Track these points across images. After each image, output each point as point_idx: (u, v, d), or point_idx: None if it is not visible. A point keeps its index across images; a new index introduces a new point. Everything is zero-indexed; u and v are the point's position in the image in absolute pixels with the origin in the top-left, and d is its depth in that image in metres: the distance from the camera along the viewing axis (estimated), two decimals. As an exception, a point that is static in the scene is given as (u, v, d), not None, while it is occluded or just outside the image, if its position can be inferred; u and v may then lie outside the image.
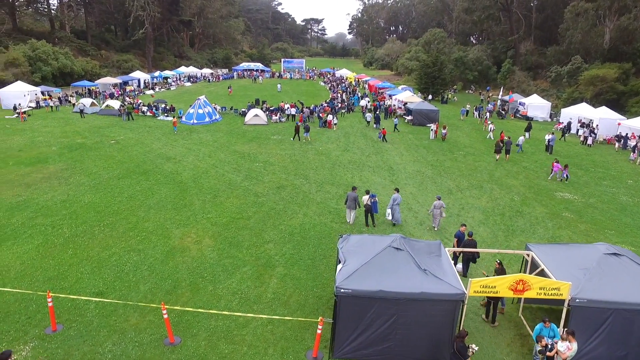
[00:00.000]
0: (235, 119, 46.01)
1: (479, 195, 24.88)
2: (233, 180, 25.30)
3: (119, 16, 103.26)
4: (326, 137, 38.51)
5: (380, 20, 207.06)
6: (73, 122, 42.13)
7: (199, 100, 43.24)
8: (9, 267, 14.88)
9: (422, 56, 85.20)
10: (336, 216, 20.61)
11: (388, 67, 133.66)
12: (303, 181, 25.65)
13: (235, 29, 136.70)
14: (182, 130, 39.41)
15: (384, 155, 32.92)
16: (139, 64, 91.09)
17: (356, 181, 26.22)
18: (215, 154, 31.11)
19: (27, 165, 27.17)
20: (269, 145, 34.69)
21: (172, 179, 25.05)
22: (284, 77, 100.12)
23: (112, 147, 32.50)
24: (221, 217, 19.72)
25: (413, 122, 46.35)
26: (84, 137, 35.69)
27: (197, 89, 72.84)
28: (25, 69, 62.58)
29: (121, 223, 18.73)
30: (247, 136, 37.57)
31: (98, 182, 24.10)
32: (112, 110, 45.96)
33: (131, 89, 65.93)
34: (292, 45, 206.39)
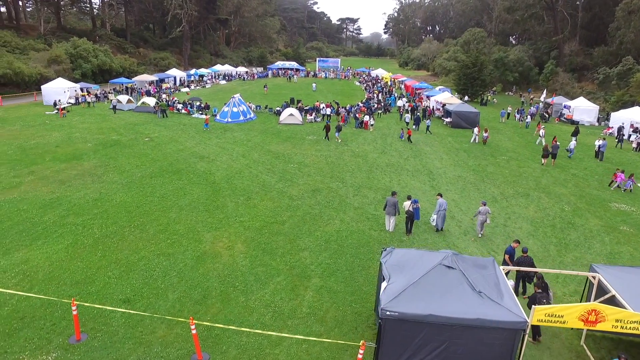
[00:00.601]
0: (269, 118, 45.36)
1: (526, 204, 23.23)
2: (267, 181, 24.47)
3: (157, 14, 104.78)
4: (362, 138, 37.33)
5: (416, 20, 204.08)
6: (109, 118, 42.36)
7: (233, 98, 42.80)
8: (38, 268, 14.41)
9: (460, 56, 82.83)
10: (375, 223, 19.45)
11: (424, 67, 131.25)
12: (339, 184, 24.58)
13: (271, 27, 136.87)
14: (216, 128, 39.00)
15: (423, 159, 31.51)
16: (176, 62, 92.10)
17: (395, 186, 24.99)
18: (249, 154, 30.42)
19: (62, 162, 27.11)
20: (303, 145, 33.79)
21: (204, 179, 24.42)
22: (318, 76, 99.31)
23: (146, 144, 32.26)
24: (254, 221, 18.87)
25: (452, 124, 44.60)
26: (119, 133, 35.68)
27: (232, 87, 72.82)
28: (67, 66, 63.86)
29: (152, 224, 18.12)
30: (281, 136, 36.79)
31: (130, 181, 23.70)
32: (147, 107, 46.07)
33: (167, 86, 66.37)
34: (327, 45, 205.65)
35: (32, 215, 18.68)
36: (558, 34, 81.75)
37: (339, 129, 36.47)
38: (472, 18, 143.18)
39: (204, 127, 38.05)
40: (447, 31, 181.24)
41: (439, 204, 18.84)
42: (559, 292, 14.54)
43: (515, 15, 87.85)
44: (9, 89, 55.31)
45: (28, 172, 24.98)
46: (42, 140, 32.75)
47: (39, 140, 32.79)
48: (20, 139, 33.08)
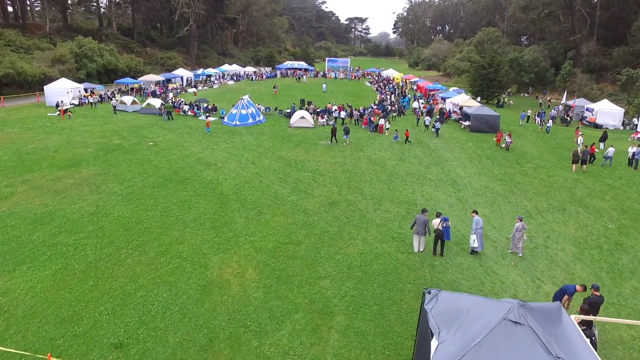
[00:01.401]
0: (279, 120, 43.37)
1: (564, 221, 21.04)
2: (279, 193, 22.45)
3: (164, 13, 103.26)
4: (378, 143, 35.23)
5: (426, 20, 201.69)
6: (112, 121, 40.56)
7: (242, 100, 40.85)
8: (18, 302, 12.47)
9: (474, 57, 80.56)
10: (401, 243, 17.37)
11: (435, 67, 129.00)
12: (358, 196, 22.51)
13: (280, 27, 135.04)
14: (224, 132, 37.06)
15: (445, 167, 29.36)
16: (183, 62, 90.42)
17: (418, 198, 22.90)
18: (259, 161, 28.42)
19: (59, 169, 25.26)
20: (316, 151, 31.75)
21: (211, 190, 22.44)
22: (328, 76, 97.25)
23: (150, 149, 30.36)
24: (267, 241, 16.85)
25: (471, 128, 42.37)
26: (121, 137, 33.83)
27: (240, 88, 70.95)
28: (72, 66, 62.28)
29: (152, 245, 16.15)
30: (292, 140, 34.77)
31: (131, 192, 21.76)
32: (152, 109, 44.24)
33: (174, 86, 64.59)
34: (336, 44, 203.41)
35: (20, 232, 16.76)
36: (576, 34, 79.10)
37: (347, 131, 34.55)
38: (484, 17, 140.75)
39: (207, 131, 36.07)
40: (457, 31, 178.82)
41: (475, 222, 16.75)
42: (625, 335, 12.40)
43: (530, 15, 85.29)
44: (11, 89, 53.77)
45: (22, 180, 23.14)
46: (40, 144, 30.95)
47: (37, 144, 30.99)
48: (17, 142, 31.31)
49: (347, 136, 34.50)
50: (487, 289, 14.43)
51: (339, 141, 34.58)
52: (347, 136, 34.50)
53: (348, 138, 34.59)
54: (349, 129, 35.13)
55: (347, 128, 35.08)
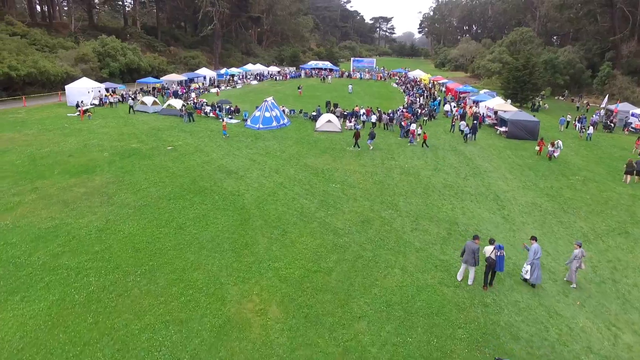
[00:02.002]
0: (304, 124, 41.38)
1: (630, 247, 18.46)
2: (306, 207, 20.41)
3: (188, 12, 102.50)
4: (410, 150, 32.90)
5: (452, 19, 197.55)
6: (132, 122, 39.19)
7: (266, 102, 38.98)
8: (4, 344, 10.71)
9: (506, 57, 77.27)
10: (445, 273, 15.13)
11: (462, 68, 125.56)
12: (393, 213, 20.31)
13: (304, 26, 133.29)
14: (246, 135, 35.25)
15: (485, 179, 26.89)
16: (206, 61, 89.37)
17: (458, 215, 20.59)
18: (283, 169, 26.45)
19: (72, 176, 23.73)
20: (345, 158, 29.63)
21: (232, 203, 20.53)
22: (353, 77, 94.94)
23: (168, 155, 28.69)
24: (292, 268, 14.82)
25: (508, 135, 39.63)
26: (140, 140, 32.31)
27: (263, 88, 69.31)
28: (94, 65, 61.52)
29: (163, 270, 14.29)
30: (319, 146, 32.72)
31: (145, 204, 20.01)
32: (173, 110, 42.77)
33: (196, 86, 63.28)
34: (360, 44, 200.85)
35: (20, 252, 15.11)
36: (615, 34, 75.09)
37: (372, 136, 32.49)
38: (514, 17, 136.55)
39: (223, 135, 34.32)
40: (484, 31, 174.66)
41: (533, 251, 14.47)
42: None
43: (566, 14, 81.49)
44: (34, 89, 53.13)
45: (31, 188, 21.65)
46: (55, 147, 29.61)
47: (52, 147, 29.66)
48: (33, 145, 30.04)
49: (370, 141, 32.49)
50: (553, 337, 12.12)
51: (361, 146, 32.50)
52: (370, 141, 32.49)
53: (372, 143, 32.54)
54: (374, 134, 33.02)
55: (372, 132, 33.00)
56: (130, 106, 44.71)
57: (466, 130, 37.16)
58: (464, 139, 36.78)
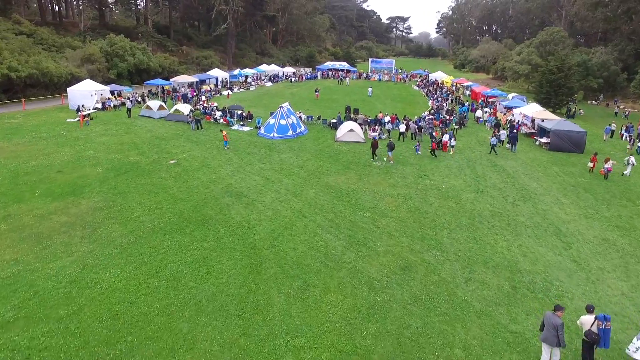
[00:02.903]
0: (323, 132, 37.58)
1: None
2: (331, 246, 16.58)
3: (202, 11, 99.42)
4: (445, 166, 28.88)
5: (471, 19, 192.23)
6: (134, 129, 35.76)
7: (281, 108, 35.27)
8: None
9: (535, 59, 72.57)
10: (523, 356, 11.19)
11: (483, 69, 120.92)
12: (438, 255, 16.39)
13: (320, 25, 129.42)
14: (260, 146, 31.56)
15: (537, 204, 22.80)
16: (219, 61, 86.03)
17: (517, 256, 16.62)
18: (301, 190, 22.67)
19: (55, 198, 20.24)
20: (371, 176, 25.75)
21: (240, 239, 16.79)
22: (371, 78, 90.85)
23: (169, 171, 25.09)
24: (318, 348, 11.00)
25: (550, 147, 35.36)
26: (140, 152, 28.80)
27: (278, 90, 65.67)
28: (102, 65, 58.41)
29: (146, 352, 10.57)
30: (341, 160, 28.88)
31: (134, 239, 16.36)
32: (180, 115, 39.27)
33: (207, 89, 59.84)
34: (376, 44, 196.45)
35: (-40, 317, 11.55)
36: (657, 34, 70.13)
37: (391, 147, 28.87)
38: (538, 16, 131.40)
39: (224, 146, 30.65)
40: (505, 31, 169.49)
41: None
42: None
43: (601, 12, 76.50)
44: (36, 91, 50.13)
45: (3, 215, 18.18)
46: (45, 160, 26.21)
47: (41, 160, 26.27)
48: (20, 157, 26.68)
49: (390, 153, 28.82)
50: None
51: (378, 156, 29.20)
52: (390, 153, 28.82)
53: (392, 155, 28.92)
54: (393, 145, 29.27)
55: (391, 143, 29.27)
56: (128, 109, 41.45)
57: (492, 141, 32.98)
58: (493, 151, 32.76)
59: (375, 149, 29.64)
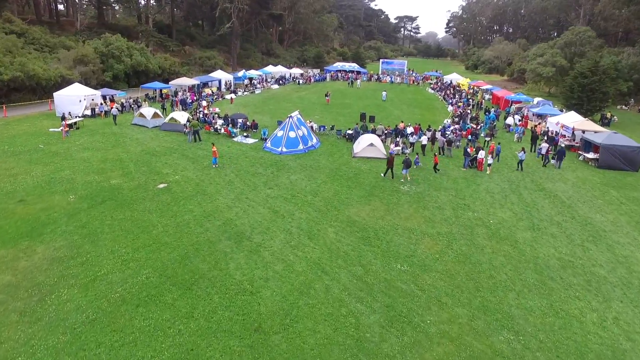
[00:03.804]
0: (338, 145, 33.05)
1: None
2: (363, 325, 12.06)
3: (205, 9, 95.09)
4: (484, 190, 24.25)
5: (482, 19, 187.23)
6: (123, 141, 31.38)
7: (290, 118, 30.76)
8: None
9: (559, 61, 67.75)
10: None
11: (497, 71, 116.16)
12: (511, 339, 11.84)
13: (328, 25, 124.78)
14: (266, 164, 27.07)
15: (613, 246, 18.17)
16: (223, 62, 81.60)
17: (615, 334, 12.11)
18: (318, 229, 18.15)
19: (4, 243, 15.83)
20: (401, 205, 21.21)
21: (240, 314, 12.30)
22: (383, 80, 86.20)
23: (157, 199, 20.65)
24: None
25: (599, 164, 30.68)
26: (125, 172, 24.37)
27: (285, 94, 61.14)
28: (96, 67, 54.10)
29: None
30: (362, 183, 24.33)
31: (93, 317, 11.90)
32: (176, 125, 34.88)
33: (209, 92, 55.42)
34: (385, 44, 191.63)
35: None
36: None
37: (407, 164, 24.92)
38: (553, 15, 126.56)
39: (212, 164, 26.11)
40: (518, 30, 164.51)
41: None
42: None
43: (630, 10, 71.54)
44: (22, 95, 45.85)
45: None
46: (8, 185, 21.84)
47: (4, 184, 21.90)
48: (-19, 180, 22.34)
49: (406, 171, 25.16)
50: None
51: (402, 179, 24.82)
52: (406, 171, 25.16)
53: (407, 173, 25.11)
54: (409, 162, 24.97)
55: (407, 160, 24.97)
56: (114, 116, 37.30)
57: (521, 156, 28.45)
58: (519, 168, 28.30)
59: (391, 167, 25.32)
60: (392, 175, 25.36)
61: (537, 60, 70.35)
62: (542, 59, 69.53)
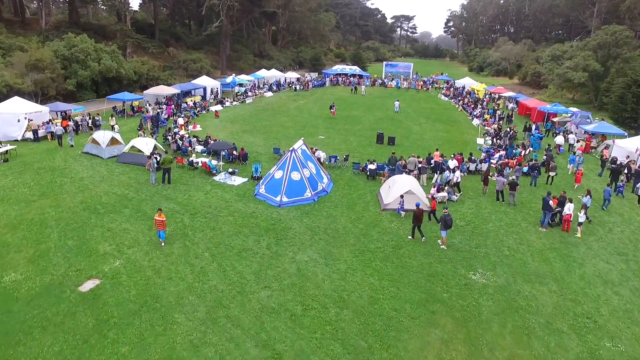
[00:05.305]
0: (355, 184, 24.37)
1: None
2: None
3: (191, 7, 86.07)
4: (594, 274, 15.63)
5: (483, 18, 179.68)
6: (62, 183, 22.49)
7: (293, 152, 21.97)
8: None
9: (592, 64, 59.46)
10: None
11: (504, 73, 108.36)
12: None
13: (325, 24, 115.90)
14: (260, 225, 18.28)
15: None
16: (211, 65, 72.58)
17: None
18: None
19: None
20: (486, 323, 12.60)
21: None
22: (388, 85, 77.59)
23: (66, 328, 11.82)
24: None
25: None
26: (37, 252, 15.48)
27: (281, 104, 52.33)
28: (56, 74, 44.96)
29: None
30: (410, 269, 15.60)
31: None
32: (139, 156, 26.02)
33: (191, 104, 46.51)
34: (382, 45, 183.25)
35: None
36: None
37: (447, 224, 16.71)
38: (561, 14, 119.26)
39: (160, 238, 16.66)
40: (521, 30, 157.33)
41: None
42: None
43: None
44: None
45: None
46: None
47: None
48: None
49: (445, 232, 16.68)
50: None
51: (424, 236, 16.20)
52: (445, 232, 16.68)
53: (446, 236, 16.64)
54: (450, 220, 16.40)
55: (448, 217, 16.50)
56: (58, 137, 28.76)
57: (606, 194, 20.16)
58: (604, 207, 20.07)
59: (419, 224, 17.12)
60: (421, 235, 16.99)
61: (566, 64, 61.97)
62: (572, 62, 61.17)
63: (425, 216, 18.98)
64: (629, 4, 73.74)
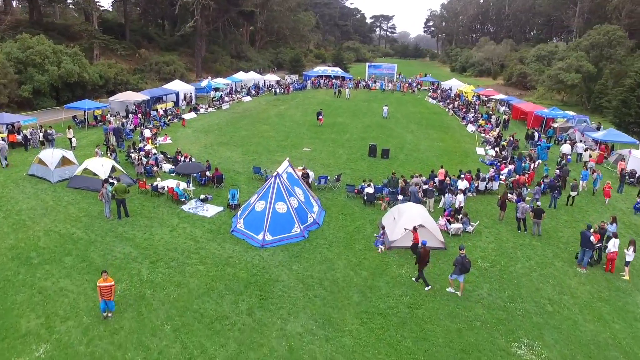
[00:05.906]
0: (351, 211, 20.66)
1: None
2: None
3: (164, 5, 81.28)
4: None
5: (463, 18, 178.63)
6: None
7: (278, 178, 18.10)
8: None
9: (586, 65, 57.09)
10: None
11: (488, 73, 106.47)
12: None
13: (305, 24, 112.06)
14: (238, 278, 14.47)
15: None
16: (185, 67, 68.06)
17: None
18: None
19: None
20: None
21: None
22: (372, 87, 74.24)
23: None
24: None
25: None
26: None
27: (260, 109, 48.33)
28: (8, 79, 40.20)
29: None
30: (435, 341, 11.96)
31: None
32: (93, 180, 21.80)
33: (161, 112, 42.19)
34: (363, 45, 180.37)
35: None
36: None
37: (464, 267, 13.17)
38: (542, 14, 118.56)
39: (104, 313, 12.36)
40: (501, 30, 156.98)
41: None
42: None
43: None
44: None
45: None
46: None
47: None
48: None
49: (462, 278, 13.36)
50: None
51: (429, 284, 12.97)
52: (462, 278, 13.36)
53: (463, 281, 13.37)
54: (469, 263, 12.87)
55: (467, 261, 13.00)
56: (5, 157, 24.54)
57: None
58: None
59: (424, 265, 13.82)
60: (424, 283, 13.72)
61: (558, 65, 59.48)
62: (564, 63, 58.71)
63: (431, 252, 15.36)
64: (615, 4, 71.76)
